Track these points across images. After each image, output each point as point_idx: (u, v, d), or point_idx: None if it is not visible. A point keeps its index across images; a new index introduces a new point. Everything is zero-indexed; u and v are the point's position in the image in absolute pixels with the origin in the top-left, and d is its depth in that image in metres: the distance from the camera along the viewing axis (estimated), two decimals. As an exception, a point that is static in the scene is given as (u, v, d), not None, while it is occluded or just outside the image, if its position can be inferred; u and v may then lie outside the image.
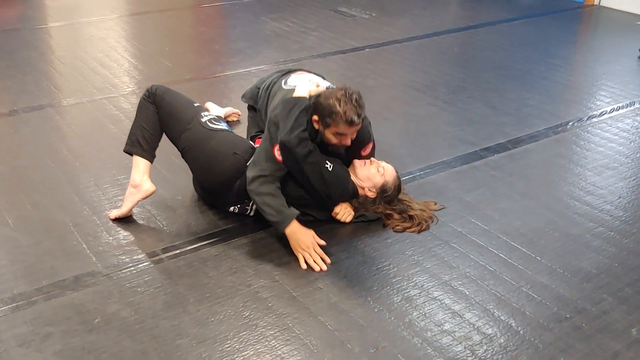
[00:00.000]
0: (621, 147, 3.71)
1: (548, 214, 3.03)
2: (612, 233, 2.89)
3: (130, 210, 2.89)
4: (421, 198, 3.08)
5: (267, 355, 2.16)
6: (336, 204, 2.88)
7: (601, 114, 4.17)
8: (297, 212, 2.70)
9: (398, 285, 2.51)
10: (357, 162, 2.92)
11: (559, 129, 3.95)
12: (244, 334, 2.25)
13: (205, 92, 4.40)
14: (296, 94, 2.80)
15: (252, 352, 2.17)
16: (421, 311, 2.38)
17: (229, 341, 2.22)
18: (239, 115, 3.90)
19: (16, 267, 2.58)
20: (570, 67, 5.24)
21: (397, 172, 2.95)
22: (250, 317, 2.33)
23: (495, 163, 3.49)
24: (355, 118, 2.67)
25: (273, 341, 2.22)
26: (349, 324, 2.31)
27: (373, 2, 6.85)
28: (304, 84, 2.86)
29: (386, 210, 2.91)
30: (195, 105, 2.95)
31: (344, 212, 2.89)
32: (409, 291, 2.48)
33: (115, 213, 2.89)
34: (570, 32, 6.42)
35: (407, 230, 2.84)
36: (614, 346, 2.24)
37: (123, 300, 2.39)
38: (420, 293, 2.48)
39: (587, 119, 4.09)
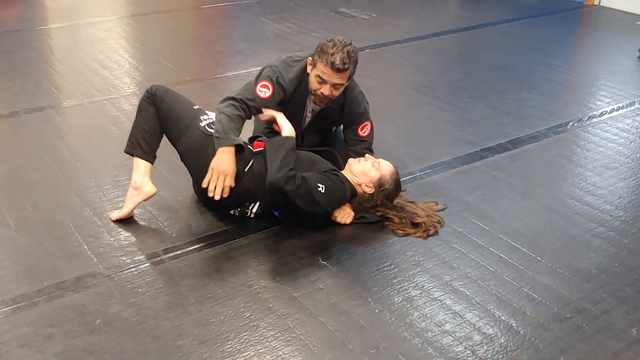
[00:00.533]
0: (621, 147, 3.72)
1: (548, 214, 3.03)
2: (612, 233, 2.89)
3: (132, 211, 2.89)
4: (422, 198, 3.09)
5: (268, 356, 2.17)
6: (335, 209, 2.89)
7: (601, 114, 4.17)
8: (240, 141, 2.76)
9: (399, 286, 2.52)
10: (351, 159, 2.93)
11: (559, 129, 3.95)
12: (245, 335, 2.25)
13: (206, 94, 4.40)
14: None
15: (253, 353, 2.18)
16: (422, 312, 2.39)
17: (230, 342, 2.22)
18: None
19: (17, 268, 2.58)
20: (570, 67, 5.24)
21: (395, 168, 2.94)
22: (251, 317, 2.33)
23: (496, 163, 3.50)
24: (339, 62, 2.75)
25: (274, 342, 2.23)
26: (350, 325, 2.31)
27: (373, 3, 6.86)
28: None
29: (387, 214, 2.90)
30: (195, 107, 2.95)
31: (343, 214, 2.89)
32: (410, 292, 2.49)
33: (116, 214, 2.89)
34: (570, 32, 6.42)
35: (413, 235, 2.83)
36: (614, 346, 2.24)
37: (124, 301, 2.40)
38: (421, 294, 2.48)
39: (587, 119, 4.09)
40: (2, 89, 4.41)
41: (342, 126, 3.21)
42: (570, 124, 4.02)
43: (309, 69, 2.90)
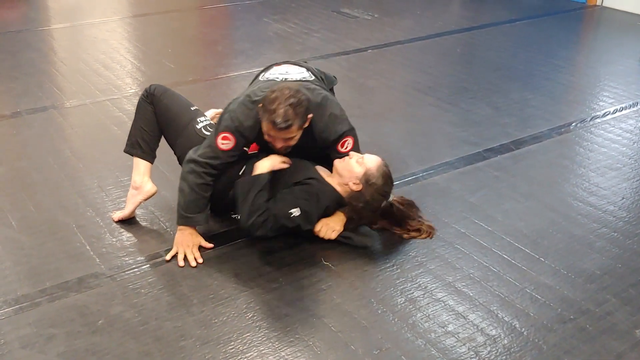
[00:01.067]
0: (624, 148, 3.71)
1: (551, 215, 3.02)
2: (615, 234, 2.88)
3: (133, 211, 2.89)
4: (424, 199, 3.08)
5: (270, 357, 2.16)
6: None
7: (604, 115, 4.16)
8: (201, 221, 2.68)
9: (402, 287, 2.51)
10: (336, 161, 2.76)
11: (562, 129, 3.94)
12: (248, 336, 2.25)
13: (208, 94, 4.40)
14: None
15: (256, 354, 2.17)
16: (425, 312, 2.38)
17: (232, 342, 2.22)
18: None
19: (20, 268, 2.58)
20: (573, 68, 5.23)
21: (383, 160, 2.77)
22: (253, 318, 2.33)
23: (499, 164, 3.49)
24: (280, 122, 2.50)
25: (277, 343, 2.22)
26: (353, 326, 2.31)
27: (375, 3, 6.85)
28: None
29: (384, 225, 2.82)
30: (193, 109, 2.93)
31: (326, 229, 2.73)
32: (413, 292, 2.48)
33: (118, 215, 2.89)
34: (572, 32, 6.41)
35: (418, 237, 2.79)
36: (618, 347, 2.24)
37: (126, 302, 2.39)
38: (424, 294, 2.48)
39: (590, 120, 4.08)
40: (4, 90, 4.41)
41: None
42: (573, 124, 4.01)
43: (260, 113, 2.62)
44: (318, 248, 2.73)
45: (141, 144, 2.85)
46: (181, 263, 2.60)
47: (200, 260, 2.62)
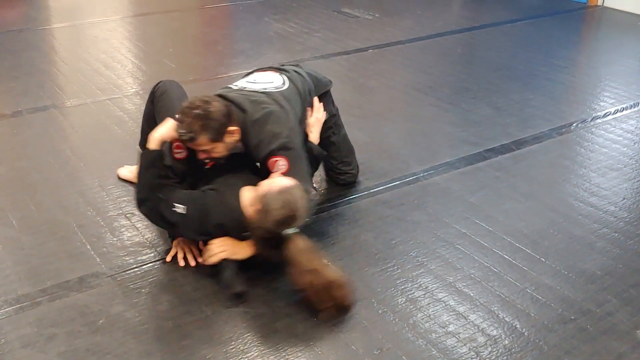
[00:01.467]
0: (625, 148, 3.70)
1: (552, 215, 3.02)
2: (616, 234, 2.88)
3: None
4: (425, 199, 3.09)
5: (271, 356, 2.16)
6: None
7: (605, 115, 4.16)
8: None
9: (402, 287, 2.51)
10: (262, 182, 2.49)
11: (563, 130, 3.94)
12: (249, 335, 2.25)
13: (209, 93, 4.38)
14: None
15: (257, 353, 2.17)
16: (426, 313, 2.38)
17: (233, 342, 2.22)
18: None
19: (20, 268, 2.58)
20: (573, 68, 5.23)
21: (298, 191, 2.37)
22: (254, 318, 2.33)
23: (499, 164, 3.49)
24: (183, 134, 2.44)
25: (279, 343, 2.22)
26: (353, 326, 2.31)
27: (376, 3, 6.85)
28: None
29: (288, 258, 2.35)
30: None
31: (208, 252, 2.48)
32: (414, 292, 2.48)
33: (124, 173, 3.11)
34: (573, 33, 6.41)
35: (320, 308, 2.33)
36: (619, 348, 2.24)
37: (127, 302, 2.39)
38: (424, 294, 2.47)
39: (591, 120, 4.08)
40: (5, 89, 4.41)
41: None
42: (573, 124, 4.01)
43: None
44: (319, 247, 2.72)
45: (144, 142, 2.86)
46: (181, 263, 2.60)
47: (200, 260, 2.62)
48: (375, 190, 3.16)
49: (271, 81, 2.80)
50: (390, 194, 3.15)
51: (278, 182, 2.42)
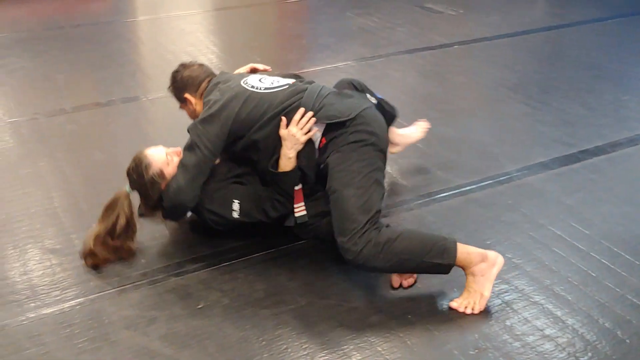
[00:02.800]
0: None
1: (653, 220, 2.91)
2: None
3: None
4: (519, 200, 3.02)
5: (367, 351, 2.16)
6: None
7: None
8: None
9: (497, 288, 2.46)
10: None
11: (661, 133, 3.79)
12: (344, 328, 2.25)
13: (294, 87, 4.42)
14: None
15: (352, 347, 2.18)
16: (522, 315, 2.33)
17: (328, 334, 2.23)
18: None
19: (121, 251, 2.67)
20: (669, 69, 5.01)
21: (145, 153, 2.59)
22: (348, 311, 2.33)
23: (594, 166, 3.37)
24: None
25: (373, 337, 2.22)
26: (449, 325, 2.28)
27: (459, -1, 6.75)
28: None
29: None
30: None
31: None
32: (509, 294, 2.43)
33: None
34: (668, 32, 6.14)
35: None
36: None
37: (225, 288, 2.44)
38: (520, 297, 2.42)
39: (691, 123, 3.90)
40: (99, 79, 4.57)
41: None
42: (672, 127, 3.84)
43: None
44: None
45: None
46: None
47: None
48: (466, 188, 3.11)
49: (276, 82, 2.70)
50: (483, 193, 3.09)
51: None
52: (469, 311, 2.33)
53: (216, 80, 2.76)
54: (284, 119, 2.53)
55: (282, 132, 2.52)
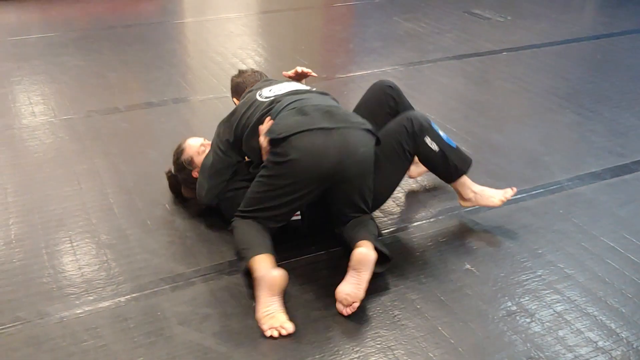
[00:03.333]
0: None
1: None
2: None
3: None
4: (571, 210, 2.99)
5: (418, 356, 2.17)
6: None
7: None
8: None
9: (549, 298, 2.44)
10: None
11: None
12: (394, 333, 2.26)
13: (341, 91, 4.45)
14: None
15: (403, 352, 2.18)
16: (574, 326, 2.31)
17: (379, 338, 2.24)
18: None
19: (175, 248, 2.72)
20: None
21: (187, 143, 3.01)
22: (399, 316, 2.34)
23: (648, 178, 3.32)
24: None
25: (423, 342, 2.22)
26: (499, 334, 2.27)
27: (507, 5, 6.68)
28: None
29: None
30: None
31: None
32: (562, 305, 2.41)
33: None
34: None
35: None
36: None
37: (276, 289, 2.46)
38: (572, 307, 2.40)
39: None
40: (152, 79, 4.65)
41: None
42: None
43: None
44: (462, 252, 2.71)
45: None
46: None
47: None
48: (518, 196, 3.08)
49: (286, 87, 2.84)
50: (534, 201, 3.07)
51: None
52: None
53: (252, 87, 2.97)
54: (260, 127, 2.67)
55: (260, 139, 2.65)
